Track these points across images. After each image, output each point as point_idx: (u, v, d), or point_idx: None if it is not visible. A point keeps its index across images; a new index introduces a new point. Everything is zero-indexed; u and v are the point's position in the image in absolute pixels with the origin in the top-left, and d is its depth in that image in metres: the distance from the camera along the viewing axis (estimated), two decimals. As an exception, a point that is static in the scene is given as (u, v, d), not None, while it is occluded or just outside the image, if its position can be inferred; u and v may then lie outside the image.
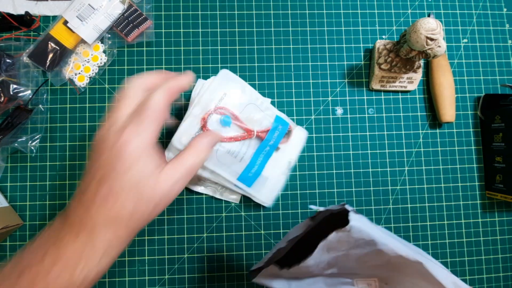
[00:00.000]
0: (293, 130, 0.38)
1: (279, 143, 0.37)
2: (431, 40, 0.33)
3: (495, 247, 0.41)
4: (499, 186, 0.39)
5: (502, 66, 0.43)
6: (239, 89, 0.36)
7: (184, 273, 0.38)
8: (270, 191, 0.38)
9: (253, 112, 0.37)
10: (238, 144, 0.36)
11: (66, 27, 0.37)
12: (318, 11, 0.42)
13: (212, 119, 0.34)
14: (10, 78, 0.36)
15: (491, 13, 0.43)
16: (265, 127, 0.37)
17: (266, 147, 0.37)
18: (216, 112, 0.34)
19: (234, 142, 0.35)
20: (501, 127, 0.39)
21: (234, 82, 0.36)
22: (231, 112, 0.35)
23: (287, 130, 0.38)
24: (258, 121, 0.36)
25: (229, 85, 0.36)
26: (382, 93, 0.42)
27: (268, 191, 0.38)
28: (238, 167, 0.36)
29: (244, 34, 0.41)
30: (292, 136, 0.38)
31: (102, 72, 0.39)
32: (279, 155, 0.38)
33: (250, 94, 0.37)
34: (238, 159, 0.36)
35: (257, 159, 0.36)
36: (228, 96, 0.35)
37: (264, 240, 0.39)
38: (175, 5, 0.41)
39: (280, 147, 0.38)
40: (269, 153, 0.37)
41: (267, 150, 0.37)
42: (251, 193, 0.37)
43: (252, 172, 0.36)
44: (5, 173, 0.38)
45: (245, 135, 0.35)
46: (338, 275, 0.29)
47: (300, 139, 0.40)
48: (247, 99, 0.36)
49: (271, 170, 0.38)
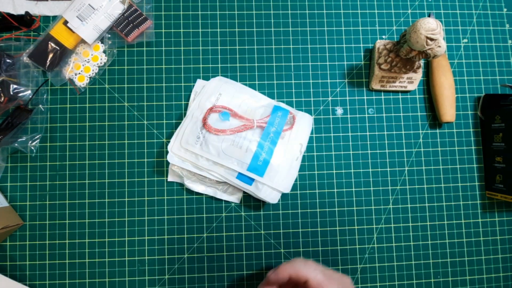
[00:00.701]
0: (296, 116, 0.39)
1: (283, 130, 0.37)
2: (431, 40, 0.33)
3: (495, 247, 0.41)
4: (499, 186, 0.39)
5: (502, 66, 0.43)
6: (233, 88, 0.39)
7: (184, 273, 0.38)
8: (285, 178, 0.37)
9: (250, 106, 0.38)
10: (242, 135, 0.37)
11: (66, 27, 0.37)
12: (318, 11, 0.42)
13: (212, 117, 0.37)
14: (10, 78, 0.36)
15: (491, 13, 0.43)
16: (264, 116, 0.38)
17: (269, 134, 0.37)
18: (214, 111, 0.37)
19: (237, 134, 0.37)
20: (501, 127, 0.39)
21: (228, 83, 0.39)
22: (229, 108, 0.37)
23: (288, 116, 0.38)
24: (257, 112, 0.38)
25: (223, 86, 0.39)
26: (382, 93, 0.42)
27: (282, 178, 0.37)
28: (246, 158, 0.36)
29: (244, 34, 0.41)
30: (296, 121, 0.38)
31: (102, 72, 0.39)
32: (287, 141, 0.38)
33: (246, 91, 0.39)
34: (244, 150, 0.36)
35: (263, 147, 0.37)
36: (223, 95, 0.38)
37: (264, 240, 0.39)
38: (175, 5, 0.41)
39: (285, 134, 0.38)
40: (274, 140, 0.37)
41: (272, 137, 0.37)
42: (265, 182, 0.37)
43: (261, 160, 0.36)
44: (5, 173, 0.38)
45: (246, 125, 0.37)
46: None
47: (306, 123, 0.39)
48: (242, 96, 0.38)
49: (282, 157, 0.37)
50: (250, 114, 0.38)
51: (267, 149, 0.37)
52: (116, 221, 0.38)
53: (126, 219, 0.38)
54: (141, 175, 0.39)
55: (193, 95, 0.40)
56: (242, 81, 0.40)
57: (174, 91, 0.40)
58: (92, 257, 0.38)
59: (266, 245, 0.39)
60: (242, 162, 0.36)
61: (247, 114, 0.38)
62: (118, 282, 0.37)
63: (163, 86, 0.40)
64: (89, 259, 0.38)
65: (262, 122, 0.37)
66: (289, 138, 0.38)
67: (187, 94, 0.40)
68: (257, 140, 0.37)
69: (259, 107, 0.38)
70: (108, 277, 0.37)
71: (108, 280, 0.37)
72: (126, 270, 0.38)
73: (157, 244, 0.38)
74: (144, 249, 0.38)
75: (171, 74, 0.40)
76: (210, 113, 0.37)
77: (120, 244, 0.38)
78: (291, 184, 0.38)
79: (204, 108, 0.37)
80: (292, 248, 0.39)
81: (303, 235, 0.39)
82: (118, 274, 0.38)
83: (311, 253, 0.39)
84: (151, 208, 0.39)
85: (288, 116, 0.38)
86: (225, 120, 0.37)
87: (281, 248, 0.39)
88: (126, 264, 0.38)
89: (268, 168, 0.37)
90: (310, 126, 0.39)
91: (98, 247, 0.38)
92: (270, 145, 0.37)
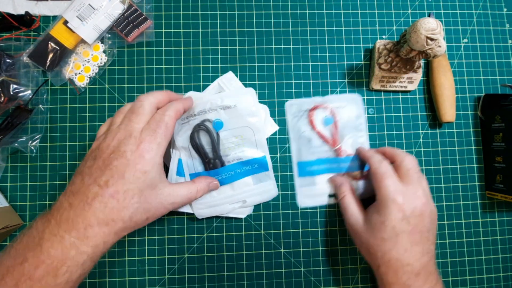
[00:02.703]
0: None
1: (353, 172, 0.38)
2: (431, 40, 0.33)
3: (495, 247, 0.41)
4: (499, 186, 0.39)
5: (502, 66, 0.43)
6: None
7: (184, 273, 0.38)
8: (310, 195, 0.39)
9: (349, 135, 0.39)
10: (320, 143, 0.39)
11: (66, 27, 0.37)
12: (318, 11, 0.42)
13: (318, 116, 0.39)
14: (10, 78, 0.36)
15: (491, 13, 0.43)
16: (350, 150, 0.39)
17: (339, 164, 0.38)
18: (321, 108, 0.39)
19: (319, 138, 0.38)
20: (501, 127, 0.39)
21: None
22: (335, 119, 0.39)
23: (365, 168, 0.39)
24: (347, 142, 0.39)
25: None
26: (382, 93, 0.42)
27: (309, 193, 0.39)
28: (307, 154, 0.38)
29: (244, 34, 0.41)
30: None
31: (102, 72, 0.39)
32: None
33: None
34: (311, 151, 0.38)
35: (324, 163, 0.38)
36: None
37: (264, 240, 0.39)
38: (175, 5, 0.41)
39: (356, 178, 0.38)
40: (338, 170, 0.38)
41: (338, 168, 0.38)
42: (296, 183, 0.39)
43: (311, 169, 0.38)
44: (5, 173, 0.38)
45: (330, 141, 0.38)
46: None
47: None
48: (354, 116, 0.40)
49: (327, 184, 0.39)
50: (342, 138, 0.39)
51: (323, 168, 0.39)
52: (116, 221, 0.38)
53: (126, 219, 0.38)
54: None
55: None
56: (242, 81, 0.40)
57: (174, 91, 0.40)
58: (92, 257, 0.38)
59: (266, 245, 0.39)
60: (301, 155, 0.39)
61: (340, 137, 0.39)
62: (118, 282, 0.37)
63: (163, 86, 0.40)
64: (89, 259, 0.38)
65: (343, 152, 0.39)
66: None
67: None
68: (324, 156, 0.39)
69: (352, 140, 0.40)
70: (108, 277, 0.37)
71: (108, 280, 0.37)
72: (126, 270, 0.38)
73: (157, 244, 0.38)
74: (144, 249, 0.38)
75: (171, 74, 0.40)
76: (318, 108, 0.39)
77: (120, 244, 0.38)
78: (309, 204, 0.40)
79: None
80: (292, 248, 0.39)
81: (303, 235, 0.39)
82: (118, 274, 0.38)
83: (311, 253, 0.39)
84: (151, 208, 0.39)
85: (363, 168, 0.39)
86: (327, 125, 0.39)
87: (281, 248, 0.39)
88: (126, 264, 0.38)
89: (307, 178, 0.39)
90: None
91: (98, 247, 0.38)
92: (328, 169, 0.39)
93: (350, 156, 0.39)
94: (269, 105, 0.40)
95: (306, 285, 0.39)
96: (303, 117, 0.39)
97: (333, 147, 0.38)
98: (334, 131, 0.39)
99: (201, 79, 0.40)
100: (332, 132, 0.39)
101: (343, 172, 0.39)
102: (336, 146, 0.38)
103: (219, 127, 0.36)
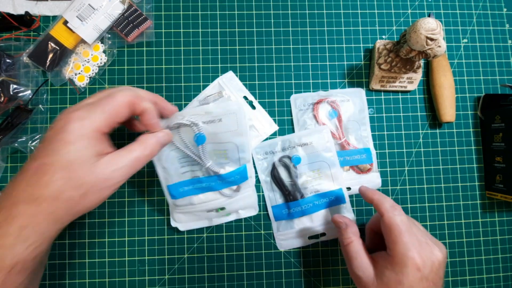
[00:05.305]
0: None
1: (362, 165, 0.40)
2: (431, 40, 0.33)
3: (495, 247, 0.41)
4: (499, 186, 0.39)
5: (502, 66, 0.43)
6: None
7: (184, 273, 0.38)
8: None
9: (353, 128, 0.40)
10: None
11: (66, 27, 0.37)
12: (318, 11, 0.42)
13: (324, 109, 0.40)
14: (10, 78, 0.36)
15: (491, 13, 0.43)
16: (355, 143, 0.40)
17: (345, 157, 0.39)
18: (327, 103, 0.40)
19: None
20: (501, 127, 0.39)
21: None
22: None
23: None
24: (351, 135, 0.40)
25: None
26: (382, 93, 0.42)
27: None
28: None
29: (244, 34, 0.41)
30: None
31: (102, 72, 0.39)
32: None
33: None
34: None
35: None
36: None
37: (264, 240, 0.39)
38: (175, 5, 0.41)
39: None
40: (343, 163, 0.39)
41: (344, 161, 0.39)
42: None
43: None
44: (5, 173, 0.38)
45: (335, 135, 0.39)
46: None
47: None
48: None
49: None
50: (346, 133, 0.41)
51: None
52: (116, 221, 0.38)
53: (126, 219, 0.38)
54: (141, 175, 0.39)
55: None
56: (242, 81, 0.40)
57: (174, 91, 0.40)
58: (92, 257, 0.38)
59: (266, 245, 0.39)
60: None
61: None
62: (118, 282, 0.37)
63: (163, 86, 0.40)
64: (89, 259, 0.38)
65: (347, 143, 0.39)
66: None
67: (187, 94, 0.40)
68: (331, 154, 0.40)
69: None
70: (108, 277, 0.37)
71: (108, 280, 0.37)
72: (126, 270, 0.38)
73: (157, 244, 0.38)
74: (144, 249, 0.38)
75: (171, 74, 0.40)
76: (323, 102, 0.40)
77: (120, 244, 0.38)
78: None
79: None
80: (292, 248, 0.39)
81: (303, 235, 0.39)
82: (118, 274, 0.38)
83: (311, 253, 0.39)
84: (151, 208, 0.39)
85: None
86: (332, 118, 0.40)
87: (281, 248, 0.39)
88: (126, 264, 0.38)
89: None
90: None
91: (98, 247, 0.38)
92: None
93: (355, 149, 0.39)
94: (269, 105, 0.40)
95: (306, 285, 0.39)
96: (308, 110, 0.40)
97: (339, 140, 0.39)
98: (338, 124, 0.39)
99: (201, 79, 0.40)
100: (336, 125, 0.39)
101: (350, 166, 0.39)
102: (341, 140, 0.39)
103: (297, 163, 0.38)
